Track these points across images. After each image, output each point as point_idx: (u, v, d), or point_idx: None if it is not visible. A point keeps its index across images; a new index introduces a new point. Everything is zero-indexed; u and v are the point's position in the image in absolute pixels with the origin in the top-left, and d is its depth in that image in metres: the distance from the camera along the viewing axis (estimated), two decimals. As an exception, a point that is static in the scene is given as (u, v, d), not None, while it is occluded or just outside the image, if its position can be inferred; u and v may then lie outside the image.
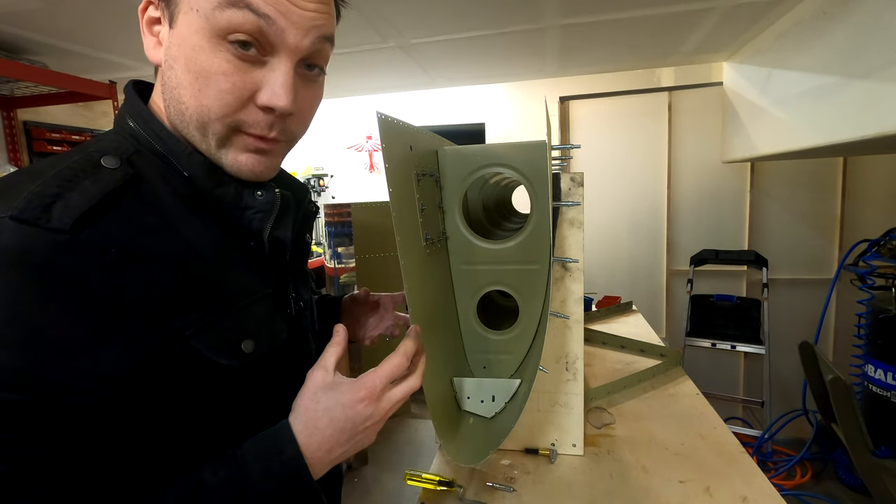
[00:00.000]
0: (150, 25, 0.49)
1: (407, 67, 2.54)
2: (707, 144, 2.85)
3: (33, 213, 0.38)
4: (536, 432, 0.96)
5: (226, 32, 0.45)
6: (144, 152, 0.49)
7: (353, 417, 0.51)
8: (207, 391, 0.48)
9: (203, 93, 0.46)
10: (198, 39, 0.45)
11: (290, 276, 0.60)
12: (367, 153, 3.31)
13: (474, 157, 0.88)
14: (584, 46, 2.34)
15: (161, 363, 0.43)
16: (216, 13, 0.44)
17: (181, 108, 0.48)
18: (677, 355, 1.39)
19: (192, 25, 0.45)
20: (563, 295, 0.92)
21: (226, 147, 0.50)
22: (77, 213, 0.39)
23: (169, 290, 0.43)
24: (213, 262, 0.48)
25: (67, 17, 1.71)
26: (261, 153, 0.51)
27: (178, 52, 0.47)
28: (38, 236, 0.37)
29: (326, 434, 0.50)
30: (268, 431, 0.50)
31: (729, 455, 0.92)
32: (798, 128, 1.93)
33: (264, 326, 0.52)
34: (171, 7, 0.47)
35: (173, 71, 0.47)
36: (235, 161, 0.50)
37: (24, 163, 2.26)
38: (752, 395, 2.82)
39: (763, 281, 2.60)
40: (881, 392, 2.16)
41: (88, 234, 0.39)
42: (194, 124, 0.48)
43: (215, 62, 0.46)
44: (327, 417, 0.50)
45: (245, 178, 0.52)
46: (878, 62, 1.43)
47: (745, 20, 2.06)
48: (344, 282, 2.81)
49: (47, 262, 0.37)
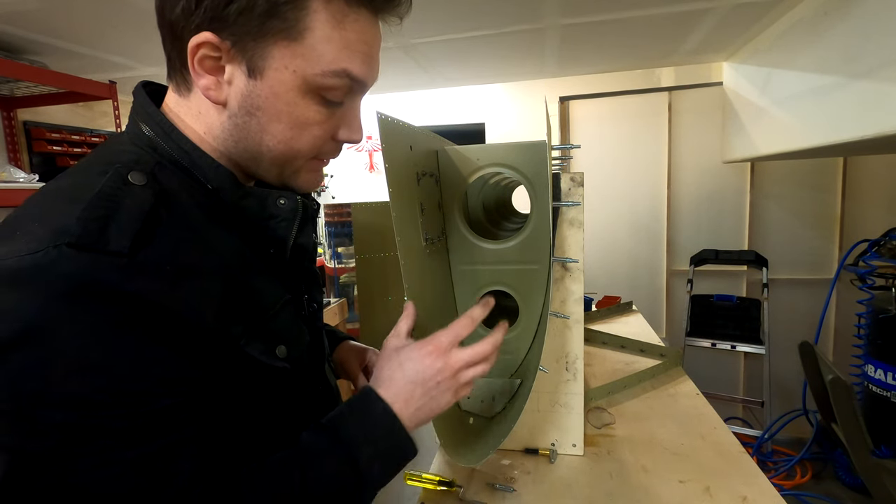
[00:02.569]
0: (203, 62, 0.47)
1: (407, 67, 2.54)
2: (707, 144, 2.85)
3: (91, 238, 0.38)
4: (536, 432, 0.96)
5: (322, 91, 0.49)
6: (165, 164, 0.49)
7: (423, 370, 0.56)
8: (257, 392, 0.51)
9: (296, 140, 0.51)
10: (293, 96, 0.49)
11: (303, 278, 0.62)
12: (367, 153, 3.31)
13: (474, 157, 0.88)
14: (584, 46, 2.34)
15: (225, 368, 0.46)
16: (318, 79, 0.48)
17: (260, 149, 0.51)
18: (677, 355, 1.39)
19: (287, 84, 0.48)
20: (563, 295, 0.92)
21: (297, 173, 0.55)
22: (131, 234, 0.40)
23: (218, 300, 0.45)
24: (243, 272, 0.50)
25: (67, 17, 1.71)
26: (320, 170, 0.57)
27: (265, 103, 0.49)
28: (101, 262, 0.38)
29: (401, 385, 0.55)
30: (351, 398, 0.56)
31: (729, 455, 0.92)
32: (798, 128, 1.93)
33: (291, 331, 0.55)
34: (255, 60, 0.47)
35: (255, 119, 0.49)
36: (305, 181, 0.56)
37: (24, 163, 2.26)
38: (752, 395, 2.82)
39: (763, 281, 2.60)
40: (881, 392, 2.16)
41: (144, 254, 0.40)
42: (275, 164, 0.52)
43: (309, 114, 0.50)
44: (400, 372, 0.56)
45: (305, 191, 0.58)
46: (879, 62, 1.43)
47: (745, 20, 2.06)
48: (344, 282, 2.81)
49: (114, 286, 0.38)
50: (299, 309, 0.60)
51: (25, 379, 0.36)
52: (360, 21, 0.49)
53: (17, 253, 0.37)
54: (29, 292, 0.36)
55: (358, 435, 0.52)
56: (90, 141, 2.49)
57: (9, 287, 0.37)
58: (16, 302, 0.36)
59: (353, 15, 0.48)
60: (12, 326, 0.36)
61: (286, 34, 0.46)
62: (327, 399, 0.68)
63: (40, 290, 0.36)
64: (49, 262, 0.37)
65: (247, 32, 0.46)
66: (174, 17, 0.47)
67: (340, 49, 0.48)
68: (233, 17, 0.45)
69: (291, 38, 0.46)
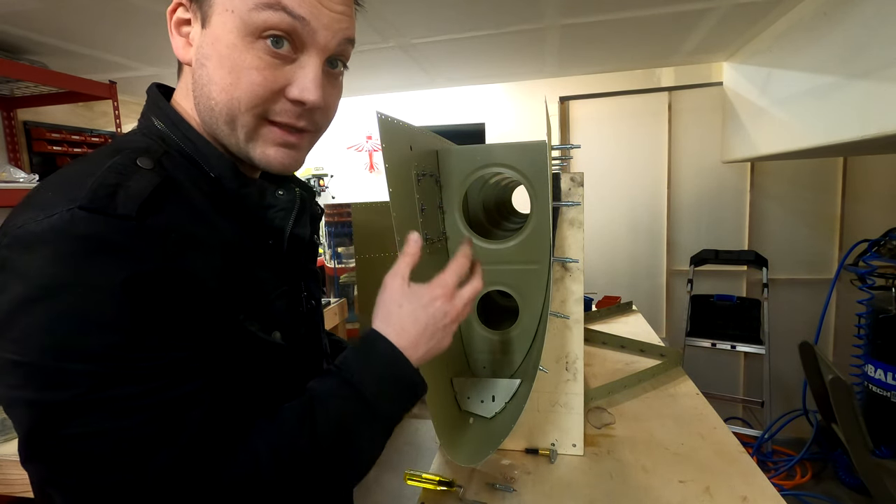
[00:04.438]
0: (179, 26, 0.51)
1: (407, 67, 2.54)
2: (707, 144, 2.85)
3: (101, 203, 0.40)
4: (536, 432, 0.96)
5: (260, 31, 0.47)
6: (173, 154, 0.51)
7: (434, 314, 0.58)
8: (254, 368, 0.52)
9: (235, 86, 0.48)
10: (232, 38, 0.47)
11: (302, 275, 0.63)
12: (367, 153, 3.31)
13: (474, 157, 0.88)
14: (584, 46, 2.34)
15: (225, 335, 0.48)
16: (252, 14, 0.47)
17: (210, 103, 0.50)
18: (677, 355, 1.39)
19: (227, 25, 0.47)
20: (563, 295, 0.92)
21: (254, 140, 0.52)
22: (138, 201, 0.42)
23: (219, 273, 0.47)
24: (243, 257, 0.51)
25: (67, 17, 1.71)
26: (289, 146, 0.53)
27: (210, 50, 0.48)
28: (110, 224, 0.40)
29: (412, 333, 0.56)
30: (358, 341, 0.57)
31: (729, 455, 0.92)
32: (798, 128, 1.93)
33: (286, 319, 0.56)
34: (204, 8, 0.48)
35: (204, 69, 0.49)
36: (264, 154, 0.52)
37: (24, 163, 2.26)
38: (752, 395, 2.82)
39: (763, 281, 2.60)
40: (881, 392, 2.16)
41: (151, 220, 0.42)
42: (224, 118, 0.50)
43: (248, 58, 0.48)
44: (411, 318, 0.57)
45: (274, 171, 0.54)
46: (878, 62, 1.43)
47: (745, 20, 2.06)
48: (344, 282, 2.81)
49: (123, 246, 0.40)
50: (296, 304, 0.61)
51: (45, 333, 0.38)
52: None
53: (35, 219, 0.40)
54: (46, 252, 0.39)
55: (364, 373, 0.53)
56: (90, 141, 2.49)
57: (27, 249, 0.39)
58: (34, 262, 0.39)
59: None
60: (31, 284, 0.38)
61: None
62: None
63: (57, 250, 0.39)
64: (63, 224, 0.39)
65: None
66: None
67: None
68: None
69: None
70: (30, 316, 0.38)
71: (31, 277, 0.38)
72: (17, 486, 1.15)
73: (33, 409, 0.39)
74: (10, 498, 1.17)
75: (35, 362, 0.38)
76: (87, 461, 0.39)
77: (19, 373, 0.39)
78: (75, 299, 0.38)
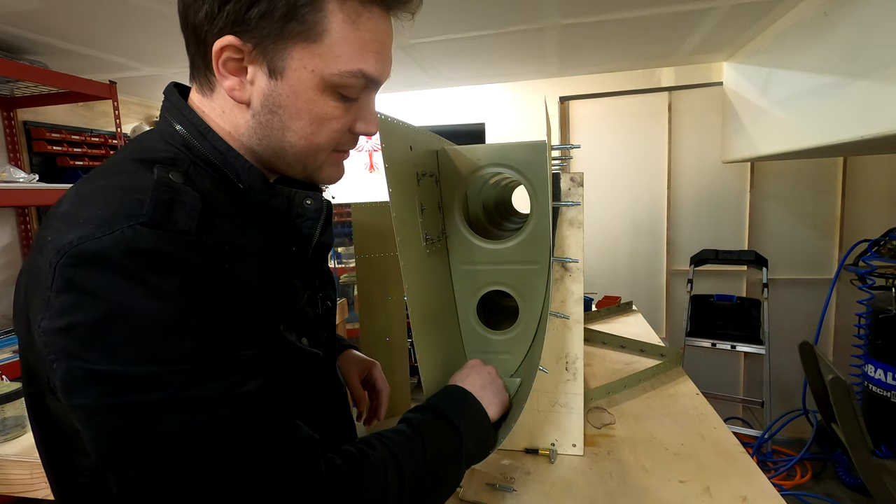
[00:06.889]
0: (226, 64, 0.50)
1: (407, 67, 2.54)
2: (707, 144, 2.85)
3: (161, 219, 0.42)
4: (536, 432, 0.96)
5: (339, 89, 0.52)
6: (198, 164, 0.52)
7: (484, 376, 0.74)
8: (288, 374, 0.54)
9: (315, 134, 0.53)
10: (311, 94, 0.51)
11: (318, 277, 0.64)
12: (367, 153, 3.31)
13: (474, 157, 0.88)
14: (585, 46, 2.34)
15: (270, 346, 0.50)
16: (335, 77, 0.50)
17: (283, 145, 0.54)
18: (677, 355, 1.39)
19: (307, 83, 0.50)
20: (563, 295, 0.92)
21: (321, 168, 0.57)
22: (195, 215, 0.44)
23: (263, 283, 0.50)
24: (277, 266, 0.53)
25: (67, 17, 1.71)
26: (342, 163, 0.60)
27: (286, 101, 0.51)
28: (173, 240, 0.42)
29: (476, 387, 0.71)
30: (437, 393, 0.68)
31: (729, 455, 0.92)
32: (798, 128, 1.93)
33: (312, 325, 0.59)
34: (275, 61, 0.49)
35: (276, 116, 0.52)
36: (329, 176, 0.59)
37: (24, 163, 2.26)
38: (752, 395, 2.82)
39: (763, 281, 2.60)
40: (881, 392, 2.16)
41: (208, 235, 0.45)
42: (297, 159, 0.55)
43: (327, 110, 0.52)
44: (473, 381, 0.72)
45: (331, 184, 0.61)
46: (879, 62, 1.43)
47: (745, 20, 2.06)
48: (344, 282, 2.81)
49: (186, 259, 0.42)
50: (314, 306, 0.62)
51: (129, 346, 0.40)
52: (373, 19, 0.51)
53: (93, 236, 0.40)
54: (115, 269, 0.40)
55: (458, 413, 0.63)
56: (90, 141, 2.49)
57: (94, 267, 0.40)
58: (104, 279, 0.40)
59: (366, 14, 0.50)
60: (107, 301, 0.39)
61: (305, 36, 0.48)
62: (337, 395, 0.70)
63: (125, 266, 0.40)
64: (128, 240, 0.40)
65: (267, 35, 0.48)
66: (198, 22, 0.49)
67: (356, 49, 0.50)
68: (254, 21, 0.47)
69: (310, 40, 0.49)
70: (111, 333, 0.39)
71: (105, 295, 0.39)
72: (16, 486, 1.15)
73: (128, 412, 0.40)
74: (10, 498, 1.17)
75: (126, 371, 0.40)
76: (188, 455, 0.41)
77: (110, 382, 0.40)
78: (151, 311, 0.40)
